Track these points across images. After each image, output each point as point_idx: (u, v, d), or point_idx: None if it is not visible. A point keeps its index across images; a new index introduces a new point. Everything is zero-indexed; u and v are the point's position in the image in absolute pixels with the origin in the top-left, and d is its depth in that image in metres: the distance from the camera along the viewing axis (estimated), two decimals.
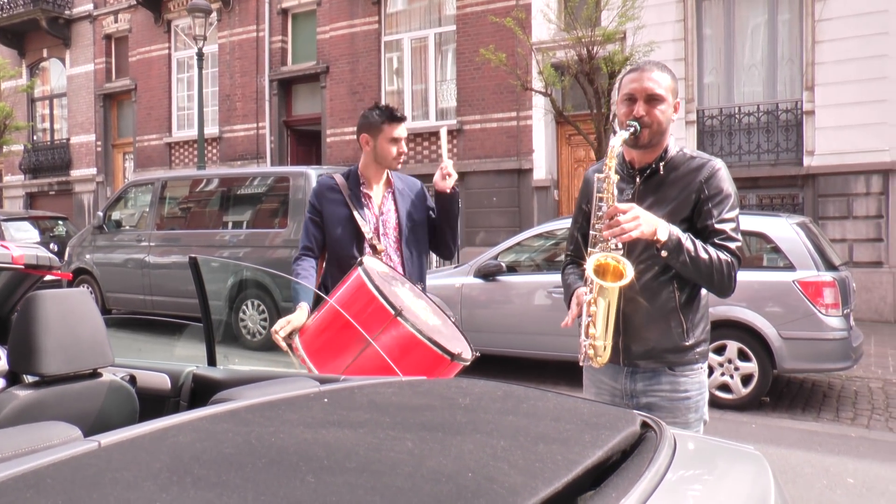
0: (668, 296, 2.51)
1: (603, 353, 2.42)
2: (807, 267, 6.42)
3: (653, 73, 2.50)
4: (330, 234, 3.47)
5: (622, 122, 2.51)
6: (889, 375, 7.61)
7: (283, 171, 10.62)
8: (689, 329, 2.54)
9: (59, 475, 1.23)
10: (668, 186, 2.52)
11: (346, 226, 3.44)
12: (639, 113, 2.46)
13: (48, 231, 15.67)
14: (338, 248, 3.45)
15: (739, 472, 1.71)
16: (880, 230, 10.79)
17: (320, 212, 3.49)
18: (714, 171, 2.50)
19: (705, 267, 2.40)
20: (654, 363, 2.55)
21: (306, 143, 17.10)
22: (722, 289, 2.48)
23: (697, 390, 2.58)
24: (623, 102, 2.53)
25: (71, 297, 2.37)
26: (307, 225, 3.51)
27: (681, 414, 2.54)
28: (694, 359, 2.56)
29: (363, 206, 3.50)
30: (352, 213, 3.44)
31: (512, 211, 13.55)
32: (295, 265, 3.44)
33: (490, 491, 1.16)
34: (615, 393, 2.63)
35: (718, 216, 2.47)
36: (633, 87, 2.49)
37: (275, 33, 16.79)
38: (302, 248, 3.48)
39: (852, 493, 4.63)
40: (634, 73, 2.53)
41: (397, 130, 3.48)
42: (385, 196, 3.57)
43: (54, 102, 21.47)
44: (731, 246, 2.46)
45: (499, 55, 10.99)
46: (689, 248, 2.38)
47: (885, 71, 10.57)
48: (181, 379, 2.74)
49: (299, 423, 1.55)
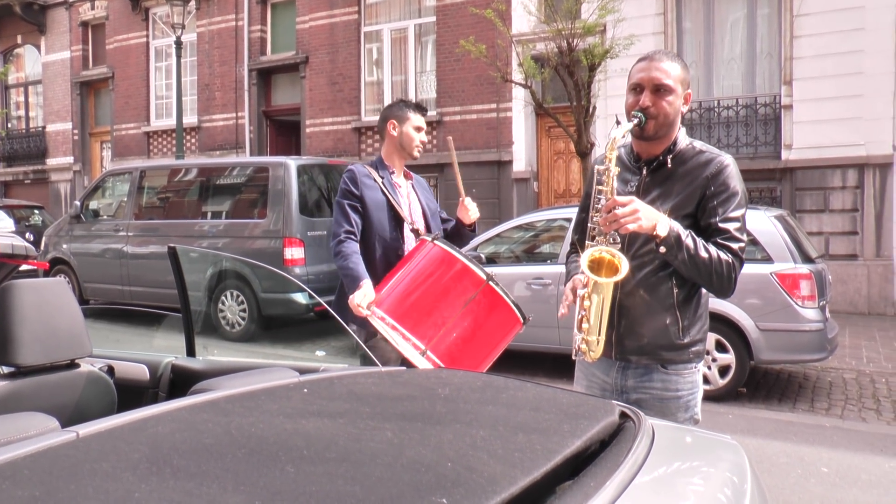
0: (667, 292, 2.46)
1: (596, 348, 2.40)
2: (784, 259, 6.48)
3: (662, 63, 2.42)
4: (371, 219, 3.64)
5: (628, 112, 2.44)
6: (863, 366, 7.71)
7: (262, 162, 10.57)
8: (686, 327, 2.49)
9: (37, 466, 1.22)
10: (674, 180, 2.45)
11: (387, 211, 3.65)
12: (644, 103, 2.39)
13: (24, 220, 15.49)
14: (381, 231, 3.64)
15: (717, 462, 1.73)
16: (855, 223, 10.91)
17: (360, 198, 3.63)
18: (722, 167, 2.42)
19: (704, 266, 2.35)
20: (647, 360, 2.50)
21: (286, 133, 17.01)
22: (721, 289, 2.43)
23: (689, 390, 2.54)
24: (630, 92, 2.46)
25: (48, 286, 2.35)
26: (346, 210, 3.63)
27: (670, 413, 2.49)
28: (688, 358, 2.51)
29: (396, 193, 3.72)
30: (389, 199, 3.65)
31: (491, 202, 13.56)
32: (340, 247, 3.56)
33: (469, 480, 1.17)
34: (606, 387, 2.59)
35: (723, 214, 2.40)
36: (640, 76, 2.42)
37: (254, 23, 16.66)
38: (344, 231, 3.60)
39: (826, 481, 4.69)
40: (643, 63, 2.45)
41: (421, 121, 3.81)
42: (409, 186, 3.86)
43: (29, 90, 21.18)
44: (734, 246, 2.39)
45: (479, 47, 10.97)
46: (688, 246, 2.33)
47: (862, 66, 10.68)
48: (160, 370, 2.72)
49: (279, 414, 1.55)
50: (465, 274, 3.26)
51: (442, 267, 3.30)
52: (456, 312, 3.19)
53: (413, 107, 3.82)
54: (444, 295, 3.24)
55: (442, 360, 3.09)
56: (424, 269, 3.33)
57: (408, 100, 3.96)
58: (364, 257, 3.57)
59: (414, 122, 3.77)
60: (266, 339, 9.42)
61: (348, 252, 3.52)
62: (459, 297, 3.21)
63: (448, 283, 3.26)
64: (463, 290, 3.22)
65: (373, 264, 3.56)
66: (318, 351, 8.32)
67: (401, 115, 3.77)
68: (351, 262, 3.47)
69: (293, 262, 9.01)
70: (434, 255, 3.34)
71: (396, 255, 3.59)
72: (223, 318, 9.48)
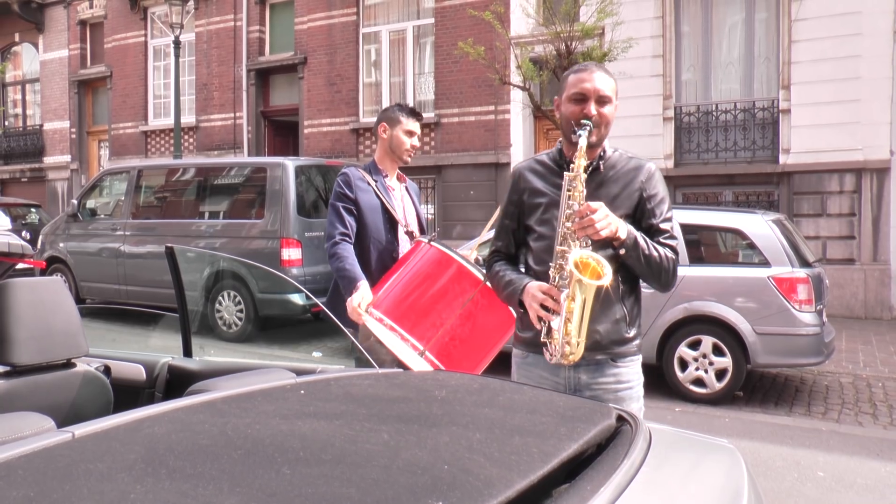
0: (615, 288, 2.53)
1: (576, 350, 2.42)
2: (781, 263, 6.49)
3: (601, 74, 2.55)
4: (366, 222, 3.64)
5: (570, 120, 2.54)
6: (859, 371, 7.72)
7: (260, 162, 10.56)
8: (631, 321, 2.61)
9: (32, 466, 1.22)
10: (609, 184, 2.58)
11: (382, 214, 3.65)
12: (591, 112, 2.50)
13: (20, 218, 15.48)
14: (376, 234, 3.64)
15: (713, 466, 1.73)
16: (853, 228, 10.93)
17: (355, 200, 3.63)
18: (652, 173, 2.61)
19: (655, 264, 2.52)
20: (601, 354, 2.57)
21: (284, 133, 17.00)
22: (666, 283, 2.61)
23: (637, 380, 2.66)
24: (571, 101, 2.55)
25: (44, 285, 2.34)
26: (340, 212, 3.63)
27: (625, 405, 2.54)
28: (633, 350, 2.63)
29: (390, 196, 3.72)
30: (383, 202, 3.66)
31: (489, 204, 13.55)
32: (336, 249, 3.56)
33: (465, 483, 1.17)
34: (557, 387, 2.59)
35: (661, 216, 2.59)
36: (584, 87, 2.52)
37: (252, 23, 16.65)
38: (339, 234, 3.59)
39: (822, 485, 4.70)
40: (583, 73, 2.55)
41: (414, 125, 3.78)
42: (402, 189, 3.86)
43: (27, 88, 21.14)
44: (673, 244, 2.58)
45: (477, 49, 10.98)
46: (643, 246, 2.49)
47: (859, 71, 10.69)
48: (156, 370, 2.72)
49: (275, 415, 1.55)
50: (462, 275, 3.27)
51: (439, 268, 3.32)
52: (454, 313, 3.20)
53: (407, 111, 3.79)
54: (441, 296, 3.25)
55: (440, 361, 3.11)
56: (421, 271, 3.35)
57: (404, 104, 3.94)
58: (359, 260, 3.57)
59: (405, 127, 3.74)
60: (262, 339, 9.41)
61: (344, 254, 3.52)
62: (457, 297, 3.22)
63: (446, 284, 3.27)
64: (461, 290, 3.24)
65: (368, 267, 3.56)
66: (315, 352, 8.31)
67: (392, 119, 3.76)
68: (347, 264, 3.47)
69: (290, 262, 9.00)
70: (431, 257, 3.35)
71: (391, 258, 3.60)
72: (220, 319, 9.47)
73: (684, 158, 11.85)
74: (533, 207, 2.63)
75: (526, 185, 2.65)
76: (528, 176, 2.66)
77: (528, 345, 2.64)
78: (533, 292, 2.48)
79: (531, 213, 2.63)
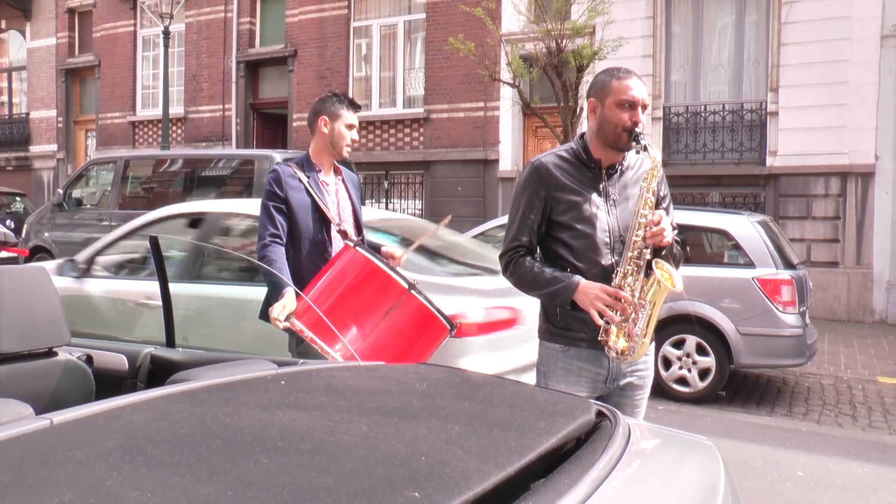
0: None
1: (640, 349, 2.59)
2: (766, 265, 6.53)
3: (640, 82, 2.65)
4: (297, 221, 3.47)
5: (617, 126, 2.60)
6: (840, 373, 7.78)
7: (248, 154, 10.52)
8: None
9: (8, 452, 1.21)
10: (630, 185, 2.70)
11: (313, 213, 3.49)
12: (641, 121, 2.62)
13: (5, 207, 15.38)
14: (307, 233, 3.48)
15: (691, 461, 1.74)
16: (837, 231, 11.00)
17: (285, 199, 3.48)
18: (663, 174, 2.74)
19: (677, 261, 2.70)
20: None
21: (272, 126, 16.94)
22: None
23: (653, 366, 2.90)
24: (619, 107, 2.60)
25: (27, 273, 2.33)
26: (271, 212, 3.47)
27: (647, 389, 2.82)
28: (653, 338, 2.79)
29: (323, 192, 3.56)
30: (315, 200, 3.49)
31: (476, 201, 13.57)
32: (265, 251, 3.39)
33: (443, 475, 1.17)
34: (597, 378, 2.70)
35: (672, 216, 2.72)
36: (633, 94, 2.61)
37: (243, 14, 16.58)
38: (269, 235, 3.43)
39: (801, 485, 4.73)
40: (629, 80, 2.63)
41: (354, 118, 3.63)
42: (338, 183, 3.69)
43: (13, 75, 20.99)
44: (680, 240, 2.78)
45: (468, 45, 10.97)
46: (675, 248, 2.70)
47: (847, 76, 10.76)
48: (139, 360, 2.71)
49: (255, 405, 1.55)
50: (386, 283, 3.14)
51: (363, 276, 3.18)
52: (377, 323, 3.08)
53: (347, 103, 3.63)
54: (365, 306, 3.13)
55: None
56: (345, 279, 3.21)
57: (341, 94, 3.73)
58: (291, 259, 3.45)
59: (346, 120, 3.59)
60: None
61: (272, 257, 3.36)
62: (380, 306, 3.11)
63: (370, 294, 3.15)
64: (384, 299, 3.12)
65: (299, 267, 3.44)
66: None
67: (333, 112, 3.59)
68: (275, 268, 3.30)
69: None
70: (355, 263, 3.22)
71: (323, 258, 3.45)
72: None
73: (672, 159, 11.89)
74: (565, 203, 2.64)
75: (553, 180, 2.65)
76: (554, 171, 2.66)
77: (570, 339, 2.70)
78: (595, 293, 2.55)
79: (563, 210, 2.65)
